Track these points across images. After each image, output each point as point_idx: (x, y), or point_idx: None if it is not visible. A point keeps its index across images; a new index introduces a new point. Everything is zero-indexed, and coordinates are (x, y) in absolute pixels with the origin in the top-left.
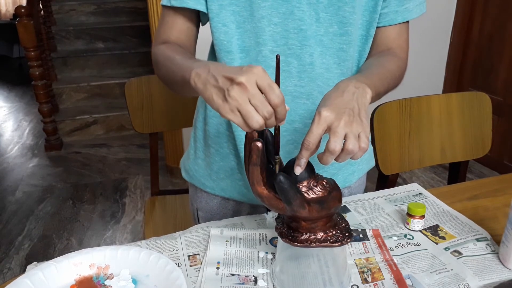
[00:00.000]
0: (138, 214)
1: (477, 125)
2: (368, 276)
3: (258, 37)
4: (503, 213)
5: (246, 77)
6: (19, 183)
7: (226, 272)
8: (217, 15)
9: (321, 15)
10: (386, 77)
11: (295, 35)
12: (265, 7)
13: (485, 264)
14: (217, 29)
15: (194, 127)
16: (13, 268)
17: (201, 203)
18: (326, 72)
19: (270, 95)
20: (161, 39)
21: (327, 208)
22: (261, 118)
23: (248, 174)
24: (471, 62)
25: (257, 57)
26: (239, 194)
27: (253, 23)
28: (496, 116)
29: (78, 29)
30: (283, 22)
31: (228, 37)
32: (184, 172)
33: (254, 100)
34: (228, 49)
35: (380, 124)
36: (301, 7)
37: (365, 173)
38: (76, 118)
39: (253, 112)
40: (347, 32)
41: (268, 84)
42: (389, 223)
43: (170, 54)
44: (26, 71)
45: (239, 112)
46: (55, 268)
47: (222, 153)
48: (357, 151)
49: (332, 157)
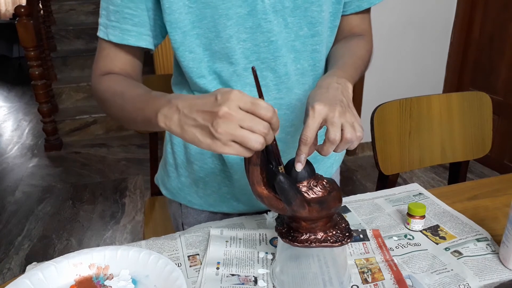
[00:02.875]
0: (138, 214)
1: (477, 125)
2: (369, 276)
3: (230, 58)
4: (504, 213)
5: (227, 105)
6: (18, 183)
7: (226, 273)
8: (182, 44)
9: (289, 20)
10: (359, 65)
11: (266, 48)
12: (231, 26)
13: (486, 264)
14: (184, 58)
15: (170, 142)
16: (13, 268)
17: (188, 219)
18: (301, 77)
19: (259, 112)
20: (101, 72)
21: (327, 208)
22: (260, 137)
23: (248, 174)
24: (472, 62)
25: (231, 77)
26: (228, 207)
27: (222, 44)
28: (497, 116)
29: (77, 29)
30: (251, 36)
31: (196, 63)
32: (164, 190)
33: (245, 123)
34: (200, 74)
35: (380, 124)
36: (267, 18)
37: (340, 163)
38: (76, 118)
39: (249, 133)
40: (318, 32)
41: (251, 103)
42: (389, 223)
43: (118, 88)
44: (25, 71)
45: (234, 142)
46: (54, 268)
47: (207, 169)
48: (355, 139)
49: (333, 147)
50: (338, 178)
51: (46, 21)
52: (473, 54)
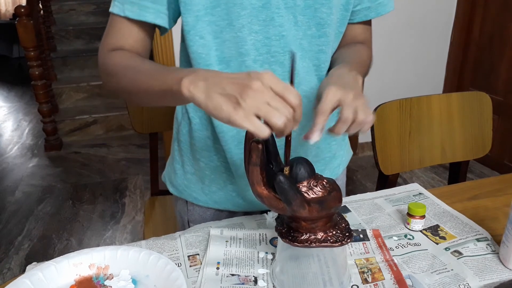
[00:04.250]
0: (138, 214)
1: (477, 125)
2: (369, 276)
3: (240, 47)
4: (504, 213)
5: (261, 81)
6: (18, 183)
7: (226, 273)
8: (194, 27)
9: (299, 18)
10: (363, 68)
11: (277, 42)
12: (244, 16)
13: (486, 264)
14: (194, 42)
15: (177, 140)
16: (13, 268)
17: (194, 216)
18: (306, 75)
19: (288, 96)
20: (111, 47)
21: (327, 208)
22: (284, 116)
23: (248, 174)
24: (472, 62)
25: (239, 68)
26: (233, 205)
27: (233, 33)
28: (497, 116)
29: (77, 29)
30: (264, 29)
31: (206, 50)
32: (171, 187)
33: (273, 102)
34: (207, 62)
35: (380, 124)
36: (280, 12)
37: (347, 164)
38: (76, 118)
39: (275, 111)
40: (325, 33)
41: (284, 86)
42: (389, 223)
43: (130, 62)
44: (25, 71)
45: (256, 117)
46: (54, 268)
47: (213, 166)
48: (367, 122)
49: (345, 126)
50: (344, 179)
51: (46, 21)
52: (473, 54)
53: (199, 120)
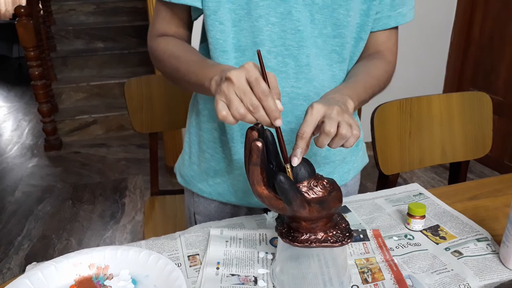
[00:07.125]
0: (138, 214)
1: (477, 125)
2: (369, 276)
3: (255, 37)
4: (504, 213)
5: (236, 72)
6: (18, 183)
7: (226, 273)
8: (215, 13)
9: (316, 17)
10: (372, 84)
11: (293, 36)
12: (263, 6)
13: (486, 264)
14: (213, 27)
15: (188, 131)
16: (13, 268)
17: (199, 208)
18: (320, 73)
19: (255, 88)
20: (158, 33)
21: (328, 208)
22: (243, 108)
23: (248, 174)
24: (472, 62)
25: (253, 57)
26: (237, 198)
27: (250, 22)
28: (497, 116)
29: (77, 29)
30: (280, 22)
31: (224, 36)
32: (179, 178)
33: (238, 92)
34: (224, 49)
35: (380, 124)
36: (297, 7)
37: (360, 170)
38: (76, 118)
39: (236, 101)
40: (341, 34)
41: (255, 78)
42: (389, 223)
43: (174, 51)
44: (25, 71)
45: (224, 102)
46: (54, 268)
47: (218, 158)
48: (350, 136)
49: (328, 139)
50: (357, 186)
51: (46, 21)
52: (473, 54)
53: (208, 112)
